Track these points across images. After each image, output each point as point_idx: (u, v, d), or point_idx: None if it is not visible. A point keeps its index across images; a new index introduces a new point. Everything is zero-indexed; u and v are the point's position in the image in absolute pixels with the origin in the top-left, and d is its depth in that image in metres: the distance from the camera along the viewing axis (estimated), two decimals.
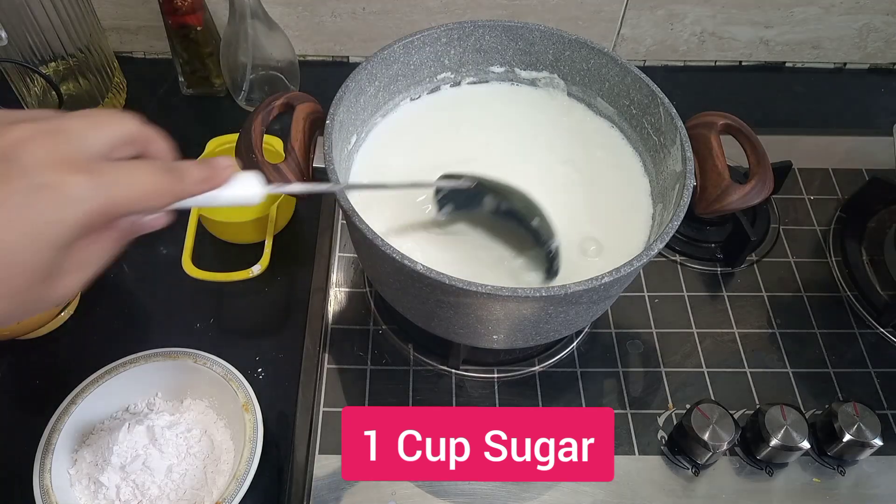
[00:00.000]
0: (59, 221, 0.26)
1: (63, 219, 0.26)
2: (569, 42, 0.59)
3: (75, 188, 0.26)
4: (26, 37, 0.68)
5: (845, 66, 0.93)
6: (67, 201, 0.26)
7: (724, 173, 0.50)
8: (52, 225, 0.26)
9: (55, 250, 0.27)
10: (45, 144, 0.27)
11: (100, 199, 0.27)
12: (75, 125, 0.28)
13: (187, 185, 0.31)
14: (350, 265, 0.69)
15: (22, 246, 0.26)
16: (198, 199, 0.33)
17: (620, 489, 0.57)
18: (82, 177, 0.27)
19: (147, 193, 0.29)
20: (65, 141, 0.27)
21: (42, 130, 0.27)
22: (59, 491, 0.51)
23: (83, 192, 0.27)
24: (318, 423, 0.59)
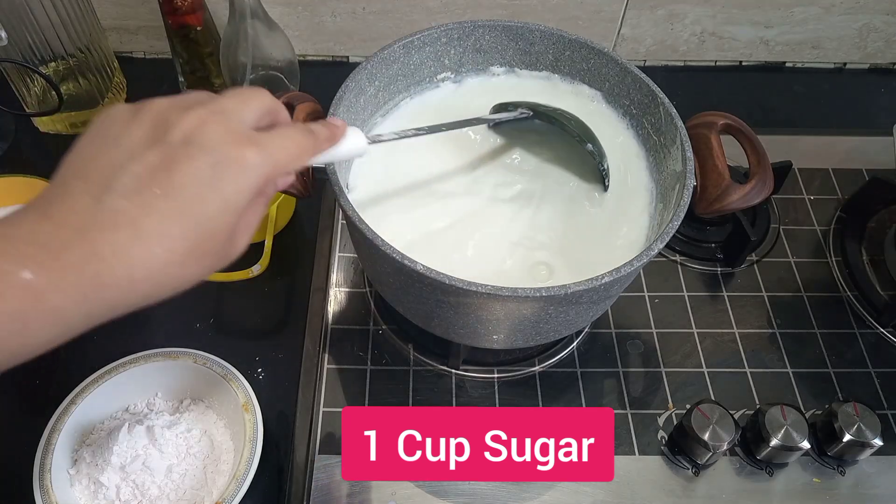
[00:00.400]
0: (242, 189, 0.31)
1: (245, 186, 0.31)
2: (569, 42, 0.59)
3: (251, 158, 0.31)
4: (26, 37, 0.68)
5: (845, 66, 0.93)
6: (246, 170, 0.31)
7: (724, 173, 0.50)
8: (237, 193, 0.31)
9: (238, 214, 0.31)
10: (218, 125, 0.31)
11: (268, 165, 0.32)
12: (232, 104, 0.33)
13: (320, 142, 0.37)
14: (350, 265, 0.69)
15: (217, 213, 0.30)
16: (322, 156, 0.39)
17: (620, 489, 0.57)
18: (253, 149, 0.31)
19: (298, 154, 0.35)
20: (229, 119, 0.32)
21: (211, 112, 0.31)
22: (59, 491, 0.51)
23: (257, 161, 0.31)
24: (318, 423, 0.59)
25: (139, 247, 0.28)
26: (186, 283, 0.31)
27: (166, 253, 0.29)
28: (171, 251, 0.29)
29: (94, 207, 0.29)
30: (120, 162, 0.30)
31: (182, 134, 0.30)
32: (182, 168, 0.29)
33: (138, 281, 0.29)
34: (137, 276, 0.29)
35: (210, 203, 0.30)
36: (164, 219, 0.29)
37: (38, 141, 0.78)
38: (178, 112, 0.31)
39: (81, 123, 0.77)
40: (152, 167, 0.29)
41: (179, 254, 0.30)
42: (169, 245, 0.29)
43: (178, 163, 0.30)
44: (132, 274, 0.29)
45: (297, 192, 0.49)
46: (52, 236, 0.28)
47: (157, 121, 0.31)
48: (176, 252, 0.29)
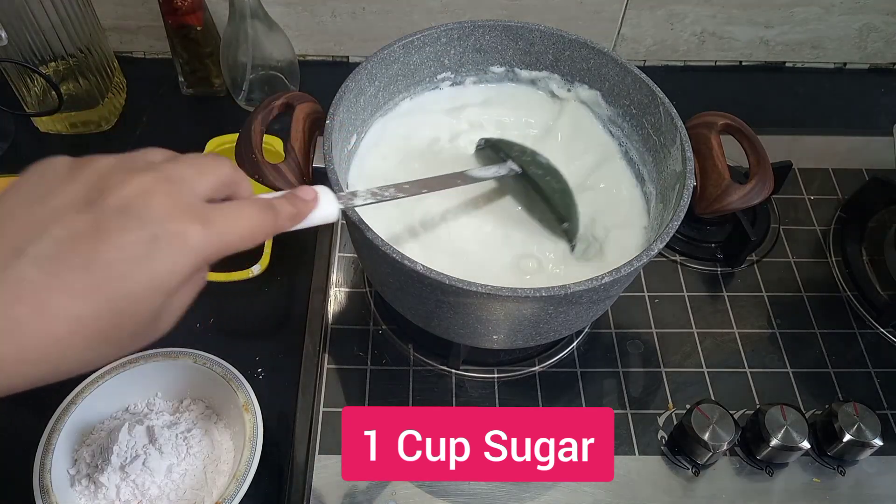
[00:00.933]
0: (175, 269, 0.27)
1: (179, 266, 0.27)
2: (569, 42, 0.59)
3: (193, 236, 0.28)
4: (26, 37, 0.68)
5: (845, 66, 0.93)
6: (185, 249, 0.27)
7: (724, 173, 0.50)
8: (170, 273, 0.27)
9: (169, 296, 0.28)
10: (165, 195, 0.28)
11: (212, 245, 0.28)
12: (186, 172, 0.29)
13: (280, 221, 0.33)
14: (350, 265, 0.69)
15: (142, 295, 0.27)
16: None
17: (620, 489, 0.57)
18: (199, 225, 0.28)
19: (250, 233, 0.31)
20: (179, 190, 0.28)
21: (161, 179, 0.28)
22: (59, 491, 0.51)
23: (199, 239, 0.28)
24: (318, 423, 0.59)
25: (38, 324, 0.25)
26: (92, 365, 0.27)
27: (69, 336, 0.25)
28: (76, 334, 0.26)
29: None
30: (42, 223, 0.26)
31: (120, 200, 0.27)
32: (111, 239, 0.26)
33: (29, 364, 0.25)
34: (28, 358, 0.25)
35: (135, 282, 0.26)
36: (76, 297, 0.25)
37: (38, 141, 0.78)
38: (122, 174, 0.28)
39: (81, 123, 0.77)
40: (77, 234, 0.26)
41: (85, 337, 0.26)
42: (75, 326, 0.25)
43: (107, 232, 0.26)
44: (22, 355, 0.25)
45: None
46: None
47: (96, 182, 0.27)
48: (82, 336, 0.26)
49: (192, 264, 0.28)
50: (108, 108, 0.79)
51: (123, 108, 0.82)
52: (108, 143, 0.78)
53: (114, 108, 0.80)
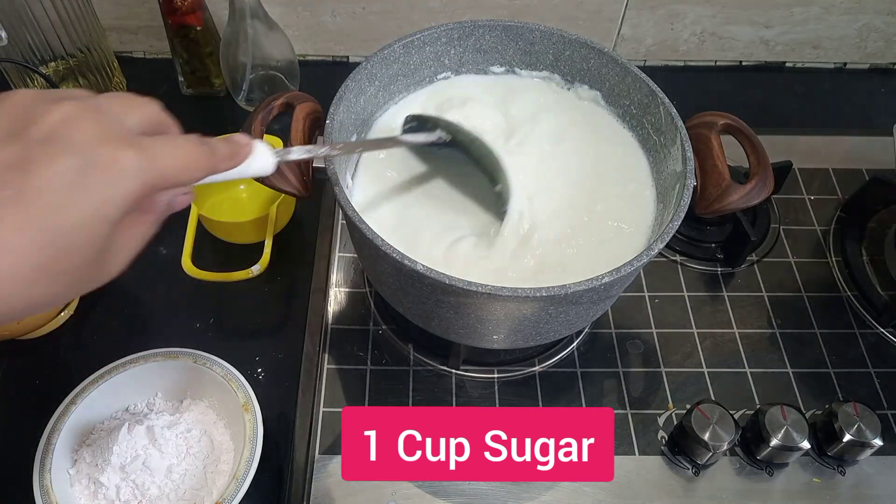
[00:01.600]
0: (113, 197, 0.26)
1: (117, 194, 0.26)
2: (569, 42, 0.59)
3: (127, 162, 0.27)
4: (26, 37, 0.68)
5: (845, 66, 0.93)
6: (120, 176, 0.26)
7: (725, 173, 0.50)
8: (107, 202, 0.26)
9: (109, 226, 0.27)
10: (92, 122, 0.27)
11: (149, 171, 0.27)
12: (114, 105, 0.29)
13: (217, 160, 0.32)
14: (350, 265, 0.69)
15: (80, 225, 0.26)
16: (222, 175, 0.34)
17: (620, 489, 0.57)
18: (131, 151, 0.27)
19: (187, 164, 0.29)
20: (107, 119, 0.28)
21: (86, 108, 0.27)
22: (59, 491, 0.51)
23: (134, 165, 0.27)
24: (318, 423, 0.59)
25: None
26: (39, 305, 0.27)
27: (10, 269, 0.25)
28: (17, 267, 0.25)
29: None
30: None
31: (45, 129, 0.26)
32: (40, 169, 0.25)
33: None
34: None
35: (71, 212, 0.25)
36: (11, 228, 0.24)
37: None
38: (45, 105, 0.27)
39: None
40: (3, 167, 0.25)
41: (28, 270, 0.25)
42: (14, 260, 0.25)
43: (35, 163, 0.25)
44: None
45: (297, 193, 0.49)
46: None
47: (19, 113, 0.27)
48: (23, 268, 0.25)
49: (129, 191, 0.27)
50: None
51: None
52: None
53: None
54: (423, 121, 0.55)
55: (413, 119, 0.55)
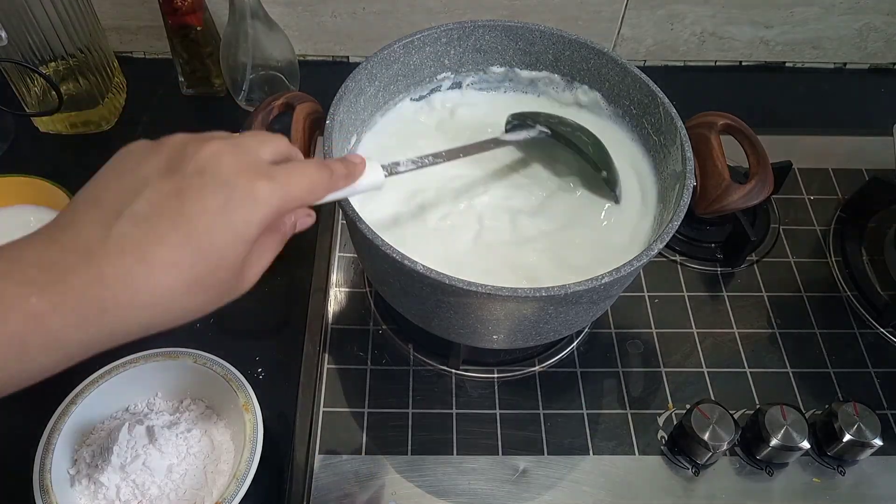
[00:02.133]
0: (252, 220, 0.31)
1: (255, 217, 0.31)
2: (569, 42, 0.59)
3: (262, 191, 0.32)
4: (26, 37, 0.68)
5: (845, 66, 0.93)
6: (257, 202, 0.31)
7: (724, 173, 0.50)
8: (248, 224, 0.31)
9: (248, 245, 0.32)
10: (233, 156, 0.32)
11: (279, 198, 0.32)
12: (250, 142, 0.34)
13: (336, 179, 0.37)
14: (350, 265, 0.69)
15: (228, 244, 0.31)
16: (338, 193, 0.38)
17: (620, 489, 0.57)
18: (265, 181, 0.32)
19: (311, 188, 0.35)
20: (245, 153, 0.33)
21: (228, 144, 0.32)
22: (59, 491, 0.51)
23: (267, 194, 0.32)
24: (318, 423, 0.59)
25: (144, 273, 0.29)
26: (191, 313, 0.31)
27: (172, 281, 0.29)
28: (177, 280, 0.30)
29: (102, 233, 0.29)
30: (133, 190, 0.30)
31: (197, 165, 0.31)
32: (193, 197, 0.30)
33: (141, 308, 0.29)
34: (140, 303, 0.29)
35: (219, 233, 0.30)
36: (171, 247, 0.29)
37: (38, 141, 0.78)
38: (196, 144, 0.32)
39: (81, 123, 0.77)
40: (164, 195, 0.30)
41: (185, 283, 0.30)
42: (175, 273, 0.29)
43: (189, 192, 0.30)
44: (135, 300, 0.29)
45: None
46: (57, 260, 0.28)
47: (175, 152, 0.32)
48: (181, 281, 0.30)
49: (264, 214, 0.32)
50: (108, 108, 0.79)
51: (123, 108, 0.82)
52: (108, 143, 0.78)
53: (114, 108, 0.80)
54: (523, 118, 0.57)
55: (514, 118, 0.57)
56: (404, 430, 0.59)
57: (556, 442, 0.59)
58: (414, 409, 0.60)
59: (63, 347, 0.28)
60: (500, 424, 0.60)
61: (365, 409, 0.60)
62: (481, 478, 0.57)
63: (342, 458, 0.57)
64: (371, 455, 0.57)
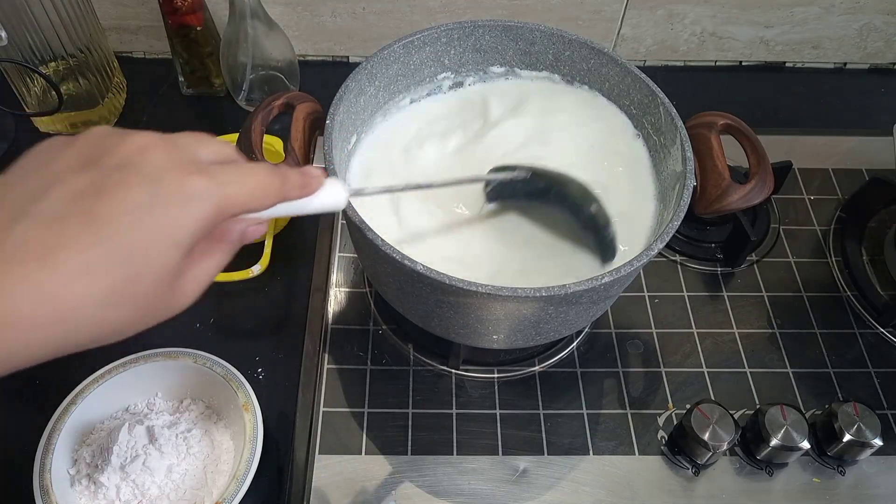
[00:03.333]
0: (182, 221, 0.27)
1: (186, 218, 0.27)
2: (569, 42, 0.59)
3: (195, 187, 0.27)
4: (26, 37, 0.68)
5: (845, 66, 0.93)
6: (189, 201, 0.27)
7: (724, 173, 0.50)
8: (177, 226, 0.27)
9: (180, 251, 0.27)
10: (164, 151, 0.28)
11: (217, 197, 0.28)
12: (184, 138, 0.29)
13: (288, 188, 0.32)
14: (350, 265, 0.69)
15: (154, 247, 0.26)
16: (291, 206, 0.33)
17: (620, 489, 0.57)
18: (200, 178, 0.28)
19: (256, 192, 0.30)
20: (179, 149, 0.28)
21: (160, 139, 0.28)
22: (59, 491, 0.51)
23: (202, 190, 0.27)
24: (318, 423, 0.59)
25: (50, 280, 0.24)
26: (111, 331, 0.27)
27: (83, 290, 0.25)
28: (90, 289, 0.25)
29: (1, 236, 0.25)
30: (43, 187, 0.26)
31: (118, 158, 0.27)
32: (113, 194, 0.26)
33: (47, 322, 0.25)
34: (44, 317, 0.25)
35: (143, 234, 0.26)
36: (84, 249, 0.25)
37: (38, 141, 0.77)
38: (118, 137, 0.28)
39: (81, 123, 0.77)
40: (78, 192, 0.26)
41: (100, 293, 0.25)
42: (87, 281, 0.25)
43: (108, 188, 0.26)
44: (37, 313, 0.24)
45: None
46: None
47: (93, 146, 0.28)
48: (96, 290, 0.25)
49: (198, 217, 0.27)
50: (108, 108, 0.79)
51: (123, 108, 0.82)
52: None
53: (114, 108, 0.80)
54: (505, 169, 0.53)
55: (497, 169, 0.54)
56: (404, 430, 0.59)
57: (556, 442, 0.59)
58: (414, 409, 0.60)
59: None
60: (500, 424, 0.60)
61: (365, 409, 0.60)
62: (481, 478, 0.57)
63: (342, 458, 0.57)
64: (371, 455, 0.57)
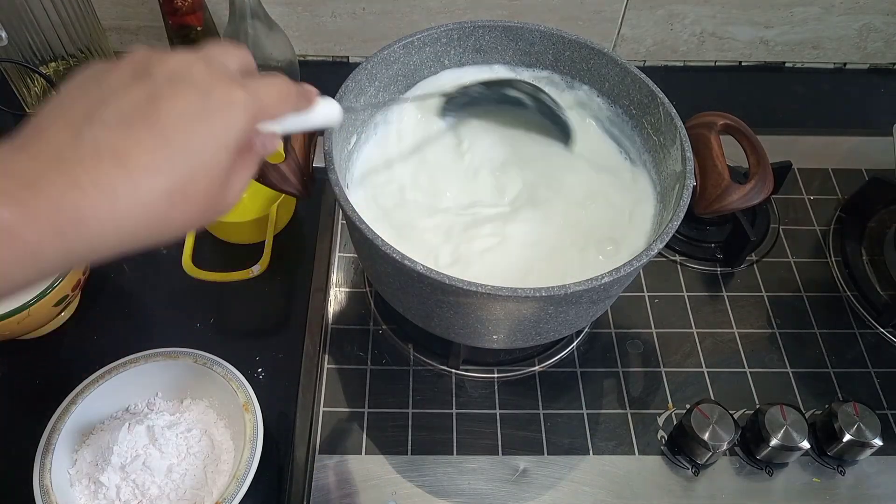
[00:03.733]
0: (231, 126, 0.30)
1: (234, 123, 0.30)
2: (569, 42, 0.59)
3: (238, 97, 0.30)
4: (26, 37, 0.68)
5: (845, 66, 0.93)
6: (234, 107, 0.30)
7: (724, 173, 0.50)
8: (227, 129, 0.30)
9: (229, 153, 0.30)
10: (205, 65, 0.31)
11: (254, 104, 0.31)
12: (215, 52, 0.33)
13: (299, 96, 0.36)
14: (350, 265, 0.69)
15: (209, 150, 0.29)
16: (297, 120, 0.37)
17: (620, 489, 0.57)
18: (240, 89, 0.31)
19: (280, 99, 0.34)
20: (214, 64, 0.31)
21: (196, 55, 0.31)
22: (59, 491, 0.51)
23: (242, 98, 0.31)
24: (318, 423, 0.59)
25: (123, 178, 0.27)
26: (174, 226, 0.29)
27: (153, 186, 0.27)
28: (159, 185, 0.28)
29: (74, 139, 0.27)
30: (102, 98, 0.28)
31: (168, 71, 0.29)
32: (170, 101, 0.28)
33: (122, 216, 0.27)
34: (121, 211, 0.27)
35: (200, 137, 0.29)
36: (151, 150, 0.27)
37: None
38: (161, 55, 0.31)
39: None
40: (138, 100, 0.28)
41: (167, 190, 0.28)
42: (156, 178, 0.27)
43: (164, 97, 0.28)
44: (115, 207, 0.26)
45: (297, 193, 0.49)
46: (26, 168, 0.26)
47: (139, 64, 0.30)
48: (163, 187, 0.28)
49: (243, 121, 0.31)
50: None
51: None
52: None
53: None
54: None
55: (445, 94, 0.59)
56: (404, 430, 0.59)
57: (556, 442, 0.59)
58: (414, 409, 0.60)
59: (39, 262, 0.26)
60: (500, 424, 0.60)
61: (365, 409, 0.60)
62: (481, 478, 0.57)
63: (342, 458, 0.57)
64: (371, 455, 0.57)
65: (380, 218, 0.55)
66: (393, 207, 0.56)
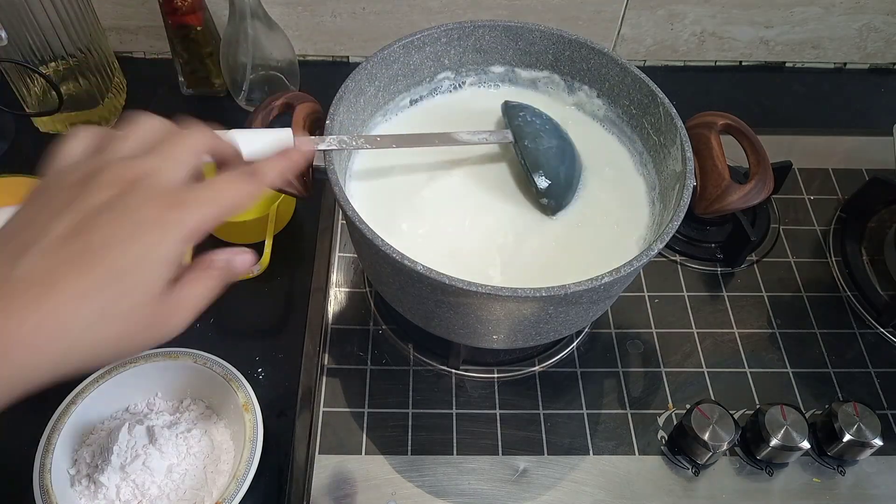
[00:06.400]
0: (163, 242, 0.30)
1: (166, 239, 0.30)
2: (569, 42, 0.59)
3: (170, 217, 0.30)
4: (26, 37, 0.68)
5: (845, 66, 0.93)
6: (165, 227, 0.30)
7: (724, 173, 0.50)
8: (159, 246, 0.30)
9: (165, 266, 0.30)
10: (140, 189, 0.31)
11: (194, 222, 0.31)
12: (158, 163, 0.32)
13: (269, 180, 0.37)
14: (350, 265, 0.69)
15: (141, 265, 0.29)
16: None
17: (620, 489, 0.57)
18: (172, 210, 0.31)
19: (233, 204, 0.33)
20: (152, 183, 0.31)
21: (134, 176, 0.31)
22: (59, 491, 0.51)
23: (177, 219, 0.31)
24: (318, 423, 0.59)
25: (49, 301, 0.27)
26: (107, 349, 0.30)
27: (79, 309, 0.28)
28: (86, 307, 0.28)
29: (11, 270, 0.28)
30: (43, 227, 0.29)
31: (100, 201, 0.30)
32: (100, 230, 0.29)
33: (49, 339, 0.27)
34: (47, 334, 0.27)
35: (130, 256, 0.29)
36: (79, 275, 0.28)
37: (38, 141, 0.78)
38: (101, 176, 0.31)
39: (81, 123, 0.77)
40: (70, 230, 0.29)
41: (94, 311, 0.28)
42: (82, 301, 0.28)
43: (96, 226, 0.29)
44: (40, 331, 0.27)
45: (297, 192, 0.49)
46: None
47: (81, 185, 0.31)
48: (90, 309, 0.28)
49: (177, 237, 0.30)
50: (108, 108, 0.79)
51: (123, 108, 0.82)
52: None
53: (114, 108, 0.80)
54: (509, 109, 0.57)
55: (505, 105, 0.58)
56: (404, 430, 0.59)
57: (556, 442, 0.59)
58: (414, 409, 0.60)
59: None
60: (500, 424, 0.60)
61: (365, 409, 0.60)
62: (481, 478, 0.57)
63: (342, 458, 0.57)
64: (371, 455, 0.57)
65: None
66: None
